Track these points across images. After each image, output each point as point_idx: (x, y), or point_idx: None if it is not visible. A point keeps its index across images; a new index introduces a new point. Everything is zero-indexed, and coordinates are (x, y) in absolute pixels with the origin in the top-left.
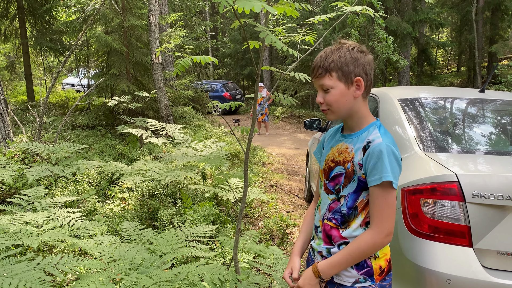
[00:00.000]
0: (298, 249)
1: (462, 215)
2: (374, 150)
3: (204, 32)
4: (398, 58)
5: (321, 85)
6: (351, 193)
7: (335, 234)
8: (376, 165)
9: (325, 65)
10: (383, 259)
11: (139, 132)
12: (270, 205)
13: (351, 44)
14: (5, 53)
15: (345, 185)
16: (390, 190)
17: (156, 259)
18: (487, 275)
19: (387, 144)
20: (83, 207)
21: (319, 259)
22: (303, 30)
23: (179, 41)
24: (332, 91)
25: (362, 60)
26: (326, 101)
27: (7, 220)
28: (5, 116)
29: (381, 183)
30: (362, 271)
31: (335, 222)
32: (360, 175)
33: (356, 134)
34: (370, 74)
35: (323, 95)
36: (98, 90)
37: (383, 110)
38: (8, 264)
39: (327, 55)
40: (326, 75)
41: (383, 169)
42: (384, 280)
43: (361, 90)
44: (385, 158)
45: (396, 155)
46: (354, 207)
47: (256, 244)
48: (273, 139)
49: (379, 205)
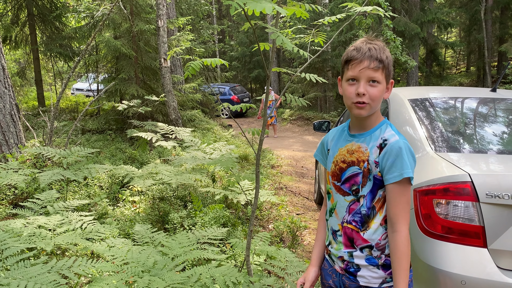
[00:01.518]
0: (316, 258)
1: (476, 215)
2: (392, 147)
3: (211, 36)
4: (406, 59)
5: (372, 77)
6: (369, 193)
7: (357, 237)
8: (395, 162)
9: (382, 59)
10: None
11: (149, 136)
12: (280, 208)
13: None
14: (16, 60)
15: (363, 184)
16: (408, 186)
17: (169, 262)
18: (502, 276)
19: (404, 142)
20: (94, 210)
21: (340, 264)
22: (312, 31)
23: (189, 44)
24: (379, 86)
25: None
26: (370, 95)
27: (21, 223)
28: (17, 121)
29: (401, 179)
30: (389, 271)
31: (355, 225)
32: (376, 173)
33: (368, 133)
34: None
35: (369, 87)
36: (107, 95)
37: (394, 111)
38: (23, 267)
39: (380, 48)
40: (380, 69)
41: (403, 166)
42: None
43: (389, 92)
44: (404, 155)
45: (413, 152)
46: (372, 207)
47: (268, 246)
48: (282, 142)
49: (400, 202)
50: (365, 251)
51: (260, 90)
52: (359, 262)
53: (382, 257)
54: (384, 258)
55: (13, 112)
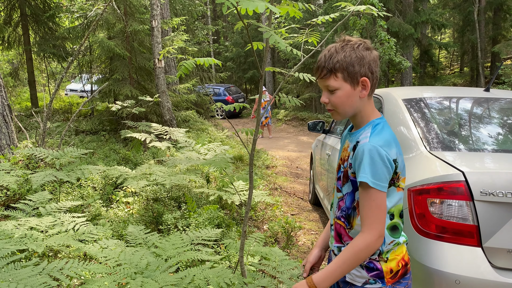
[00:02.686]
0: (321, 241)
1: (470, 214)
2: (358, 150)
3: (206, 37)
4: (400, 59)
5: (326, 86)
6: (349, 193)
7: (344, 233)
8: (359, 166)
9: (329, 65)
10: (394, 262)
11: (143, 137)
12: (274, 208)
13: (356, 41)
14: (8, 60)
15: (343, 184)
16: (372, 191)
17: (162, 263)
18: (496, 275)
19: (372, 144)
20: (87, 212)
21: (333, 257)
22: (306, 31)
23: (182, 44)
24: (338, 92)
25: (368, 58)
26: (332, 102)
27: (12, 225)
28: (9, 122)
29: (359, 183)
30: (372, 273)
31: (343, 221)
32: (350, 174)
33: (356, 132)
34: (376, 72)
35: (329, 95)
36: (101, 96)
37: (387, 111)
38: (13, 269)
39: (331, 54)
40: (331, 76)
41: (362, 170)
42: (398, 283)
43: (367, 90)
44: (366, 159)
45: (382, 155)
46: (352, 207)
47: (262, 247)
48: (276, 142)
49: (366, 207)
50: None
51: (255, 90)
52: None
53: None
54: (368, 260)
55: (5, 113)
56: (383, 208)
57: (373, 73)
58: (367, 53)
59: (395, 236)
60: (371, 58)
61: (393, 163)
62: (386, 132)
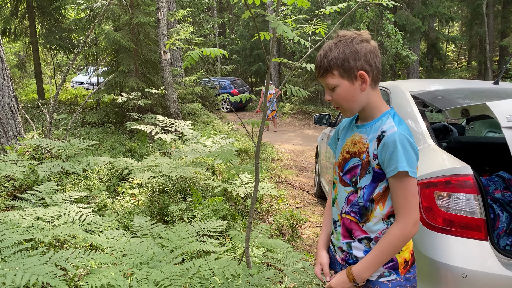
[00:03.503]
0: (323, 242)
1: (478, 208)
2: (388, 140)
3: (211, 29)
4: (407, 53)
5: (326, 84)
6: (367, 185)
7: (355, 228)
8: (392, 156)
9: (325, 64)
10: (407, 252)
11: (149, 129)
12: (280, 201)
13: (350, 35)
14: (15, 52)
15: (361, 176)
16: (408, 179)
17: (167, 254)
18: (503, 268)
19: (401, 133)
20: (93, 202)
21: (340, 255)
22: (313, 22)
23: (188, 35)
24: (338, 90)
25: (363, 51)
26: (335, 100)
27: (19, 215)
28: (16, 114)
29: (396, 173)
30: (387, 265)
31: (354, 216)
32: (375, 165)
33: (369, 124)
34: (376, 63)
35: (331, 93)
36: (107, 88)
37: (395, 104)
38: (20, 258)
39: (326, 53)
40: (328, 75)
41: (398, 159)
42: (408, 272)
43: (366, 83)
44: (399, 148)
45: (412, 143)
46: (370, 200)
47: (268, 239)
48: (282, 136)
49: (401, 196)
50: (363, 242)
51: (261, 84)
52: (357, 254)
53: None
54: None
55: (12, 104)
56: (417, 195)
57: (371, 65)
58: (361, 46)
59: None
60: (367, 50)
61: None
62: (404, 122)
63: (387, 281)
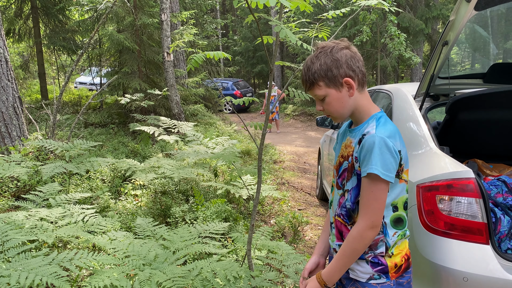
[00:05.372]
0: (318, 248)
1: (480, 212)
2: (365, 142)
3: (215, 30)
4: (410, 55)
5: (315, 96)
6: (354, 188)
7: (345, 230)
8: (365, 157)
9: (310, 77)
10: (399, 256)
11: (151, 130)
12: (282, 203)
13: (329, 45)
14: (19, 53)
15: (348, 179)
16: (377, 182)
17: (170, 255)
18: (504, 273)
19: (379, 136)
20: (96, 203)
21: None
22: (316, 26)
23: (192, 38)
24: (327, 99)
25: (344, 58)
26: (325, 109)
27: (23, 216)
28: (20, 114)
29: (366, 175)
30: (376, 269)
31: (342, 218)
32: (357, 168)
33: (358, 128)
34: (358, 67)
35: (321, 103)
36: (110, 89)
37: (397, 107)
38: (24, 258)
39: (308, 66)
40: (315, 87)
41: (372, 161)
42: (401, 277)
43: (353, 88)
44: (374, 150)
45: (389, 146)
46: (356, 202)
47: (270, 241)
48: (284, 137)
49: (365, 197)
50: None
51: (263, 85)
52: None
53: (370, 254)
54: (373, 255)
55: (16, 105)
56: (381, 200)
57: (354, 70)
58: (342, 53)
59: (398, 228)
60: (348, 56)
61: (399, 154)
62: (390, 123)
63: (376, 284)
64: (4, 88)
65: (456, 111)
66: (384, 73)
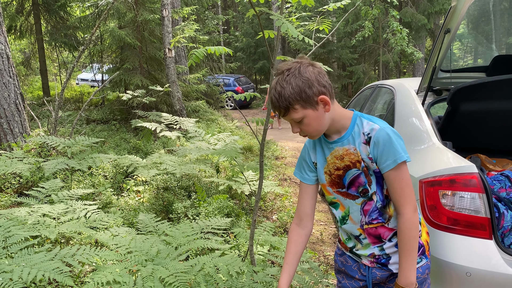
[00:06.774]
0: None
1: (483, 206)
2: (378, 138)
3: (216, 26)
4: (412, 50)
5: (292, 120)
6: (378, 187)
7: (383, 231)
8: (385, 151)
9: (284, 103)
10: (424, 233)
11: (153, 126)
12: (284, 198)
13: (294, 66)
14: (21, 49)
15: (370, 183)
16: (404, 167)
17: (172, 251)
18: (507, 267)
19: (385, 127)
20: (98, 199)
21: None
22: (317, 19)
23: (193, 33)
24: (305, 121)
25: (313, 76)
26: (304, 131)
27: (25, 212)
28: (21, 111)
29: (397, 165)
30: (419, 253)
31: (377, 222)
32: (375, 167)
33: (346, 134)
34: (327, 81)
35: (298, 125)
36: (112, 85)
37: (400, 102)
38: (26, 254)
39: (279, 92)
40: (290, 111)
41: (396, 151)
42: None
43: (329, 104)
44: (392, 141)
45: (395, 132)
46: (385, 196)
47: (272, 236)
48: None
49: (398, 186)
50: (393, 239)
51: (265, 81)
52: (389, 251)
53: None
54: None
55: (17, 101)
56: (410, 181)
57: (325, 85)
58: (309, 71)
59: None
60: (316, 73)
61: None
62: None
63: (419, 267)
64: (6, 85)
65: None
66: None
